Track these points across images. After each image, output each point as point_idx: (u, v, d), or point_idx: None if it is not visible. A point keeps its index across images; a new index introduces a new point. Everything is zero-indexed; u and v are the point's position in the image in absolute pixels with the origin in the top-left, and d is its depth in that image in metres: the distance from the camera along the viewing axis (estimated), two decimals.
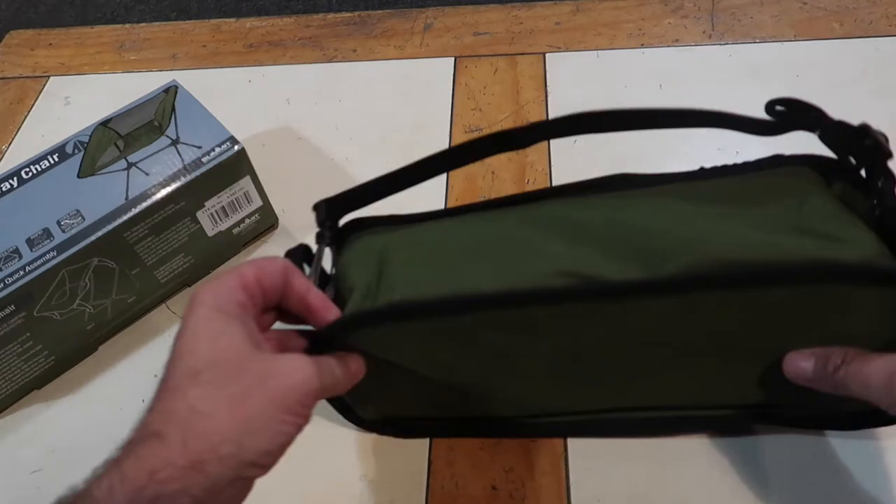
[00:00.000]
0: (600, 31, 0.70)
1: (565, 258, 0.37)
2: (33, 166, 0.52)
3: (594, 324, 0.37)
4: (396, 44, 0.73)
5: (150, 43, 0.77)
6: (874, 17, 0.67)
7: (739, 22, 0.68)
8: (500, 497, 0.45)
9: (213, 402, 0.30)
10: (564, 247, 0.38)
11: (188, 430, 0.29)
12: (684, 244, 0.36)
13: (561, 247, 0.38)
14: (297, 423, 0.31)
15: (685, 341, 0.38)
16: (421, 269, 0.39)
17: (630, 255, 0.36)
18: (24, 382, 0.51)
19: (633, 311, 0.36)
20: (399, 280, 0.39)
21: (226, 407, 0.30)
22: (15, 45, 0.80)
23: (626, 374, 0.41)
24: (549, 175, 0.60)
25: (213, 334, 0.31)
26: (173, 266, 0.54)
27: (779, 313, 0.35)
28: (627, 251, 0.37)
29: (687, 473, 0.44)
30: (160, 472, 0.28)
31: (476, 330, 0.37)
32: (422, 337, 0.38)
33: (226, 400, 0.30)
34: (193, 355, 0.31)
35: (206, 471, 0.28)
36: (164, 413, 0.30)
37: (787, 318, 0.35)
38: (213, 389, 0.30)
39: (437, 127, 0.65)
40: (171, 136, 0.53)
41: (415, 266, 0.39)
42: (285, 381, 0.31)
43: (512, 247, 0.39)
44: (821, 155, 0.42)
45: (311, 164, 0.64)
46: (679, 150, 0.60)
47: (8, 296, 0.46)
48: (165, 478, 0.28)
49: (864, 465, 0.43)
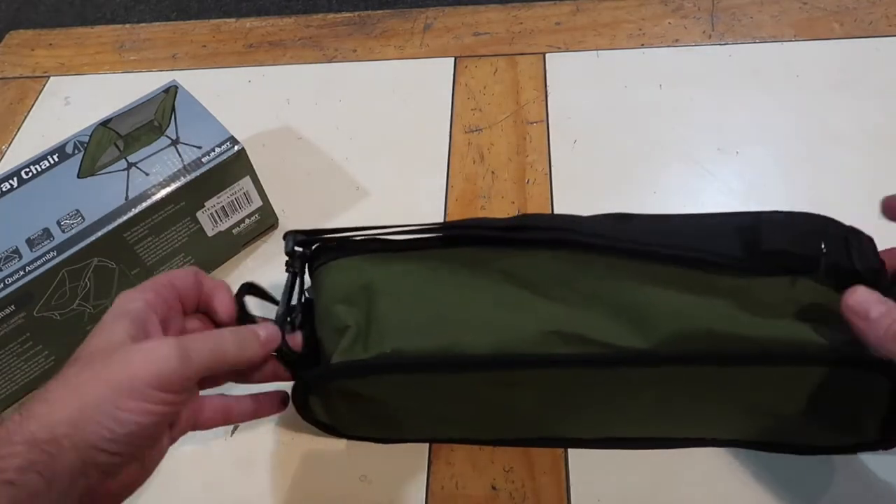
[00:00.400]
0: (600, 31, 0.70)
1: (555, 316, 0.37)
2: (33, 166, 0.52)
3: (584, 380, 0.38)
4: (396, 44, 0.73)
5: (150, 43, 0.77)
6: (874, 17, 0.67)
7: (739, 22, 0.68)
8: (500, 497, 0.45)
9: (55, 389, 0.31)
10: (553, 303, 0.38)
11: (26, 412, 0.30)
12: (672, 315, 0.36)
13: (550, 303, 0.38)
14: (147, 410, 0.31)
15: (673, 395, 0.39)
16: (410, 318, 0.39)
17: (618, 317, 0.37)
18: (24, 382, 0.51)
19: (625, 374, 0.38)
20: (389, 329, 0.38)
21: (66, 393, 0.31)
22: (15, 45, 0.80)
23: (618, 415, 0.42)
24: (548, 175, 0.60)
25: (98, 331, 0.34)
26: (173, 266, 0.54)
27: (763, 381, 0.37)
28: (616, 312, 0.37)
29: (687, 473, 0.44)
30: (1, 450, 0.29)
31: (468, 383, 0.39)
32: (413, 383, 0.39)
33: (70, 386, 0.31)
34: (76, 353, 0.33)
35: (44, 449, 0.29)
36: (25, 402, 0.32)
37: (771, 385, 0.37)
38: (62, 380, 0.32)
39: (437, 127, 0.65)
40: (171, 136, 0.53)
41: (403, 313, 0.39)
42: (128, 368, 0.32)
43: (500, 300, 0.38)
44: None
45: (311, 164, 0.64)
46: (679, 150, 0.60)
47: (8, 296, 0.46)
48: (6, 453, 0.29)
49: (864, 466, 0.43)
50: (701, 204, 0.56)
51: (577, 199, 0.58)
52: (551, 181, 0.59)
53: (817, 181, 0.57)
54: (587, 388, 0.39)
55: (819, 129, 0.60)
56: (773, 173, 0.58)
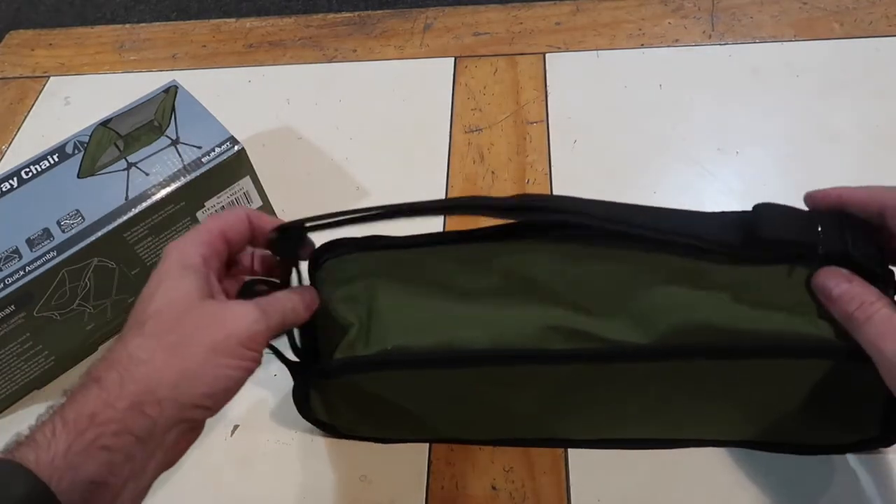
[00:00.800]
0: (600, 31, 0.70)
1: (554, 312, 0.37)
2: (33, 166, 0.52)
3: (583, 377, 0.38)
4: (396, 44, 0.73)
5: (150, 43, 0.77)
6: (874, 17, 0.67)
7: (739, 22, 0.68)
8: (500, 497, 0.45)
9: (150, 349, 0.31)
10: (553, 299, 0.37)
11: (126, 375, 0.30)
12: (672, 309, 0.36)
13: (549, 299, 0.38)
14: (241, 367, 0.33)
15: (673, 393, 0.39)
16: (411, 315, 0.39)
17: (617, 312, 0.37)
18: (24, 382, 0.51)
19: (624, 370, 0.38)
20: (390, 326, 0.39)
21: (162, 354, 0.31)
22: (15, 45, 0.80)
23: (618, 415, 0.42)
24: (549, 175, 0.60)
25: (166, 287, 0.34)
26: None
27: (763, 376, 0.37)
28: (615, 307, 0.37)
29: (687, 473, 0.44)
30: (100, 415, 0.29)
31: (467, 381, 0.39)
32: (413, 380, 0.39)
33: (162, 348, 0.31)
34: (144, 307, 0.33)
35: (145, 412, 0.30)
36: (107, 361, 0.31)
37: (771, 379, 0.37)
38: (152, 338, 0.32)
39: (437, 127, 0.65)
40: (171, 136, 0.53)
41: (404, 311, 0.39)
42: (224, 329, 0.33)
43: (499, 296, 0.38)
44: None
45: (311, 164, 0.64)
46: (679, 150, 0.60)
47: (8, 296, 0.46)
48: (105, 419, 0.29)
49: (864, 466, 0.43)
50: (701, 204, 0.56)
51: None
52: (551, 181, 0.59)
53: (817, 181, 0.56)
54: (586, 385, 0.39)
55: (819, 129, 0.60)
56: (773, 173, 0.58)
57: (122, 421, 0.29)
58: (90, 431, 0.29)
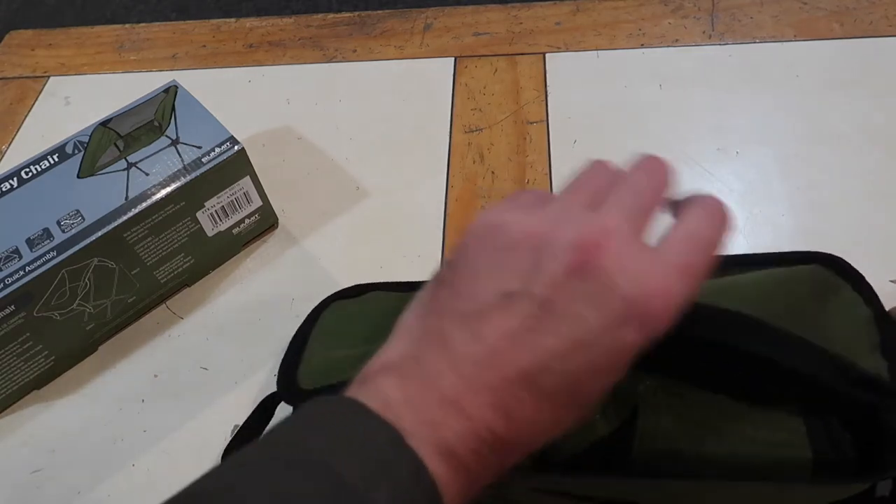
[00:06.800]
0: (600, 31, 0.70)
1: None
2: (33, 166, 0.52)
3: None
4: (396, 44, 0.73)
5: (150, 43, 0.77)
6: (874, 17, 0.67)
7: (739, 22, 0.68)
8: None
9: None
10: None
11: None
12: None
13: None
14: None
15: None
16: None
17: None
18: (24, 382, 0.51)
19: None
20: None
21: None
22: (15, 45, 0.80)
23: None
24: (549, 176, 0.60)
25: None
26: (173, 266, 0.54)
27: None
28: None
29: None
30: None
31: None
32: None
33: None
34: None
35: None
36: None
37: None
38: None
39: (437, 127, 0.65)
40: (171, 136, 0.53)
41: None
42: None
43: None
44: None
45: (311, 164, 0.64)
46: (679, 150, 0.60)
47: (8, 296, 0.46)
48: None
49: None
50: None
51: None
52: (551, 181, 0.59)
53: (817, 181, 0.57)
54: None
55: (819, 129, 0.60)
56: (773, 173, 0.58)
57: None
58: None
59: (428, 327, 0.29)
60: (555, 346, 0.27)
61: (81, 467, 0.49)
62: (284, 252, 0.58)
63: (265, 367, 0.52)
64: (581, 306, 0.27)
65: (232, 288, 0.56)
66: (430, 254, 0.56)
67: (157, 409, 0.51)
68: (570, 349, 0.27)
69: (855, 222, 0.54)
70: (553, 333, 0.27)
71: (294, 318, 0.46)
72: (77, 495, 0.48)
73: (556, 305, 0.27)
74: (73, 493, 0.48)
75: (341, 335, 0.44)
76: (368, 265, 0.56)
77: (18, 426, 0.51)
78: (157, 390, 0.52)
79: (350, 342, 0.42)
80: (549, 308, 0.27)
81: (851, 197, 0.55)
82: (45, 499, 0.48)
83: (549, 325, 0.27)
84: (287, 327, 0.45)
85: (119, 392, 0.52)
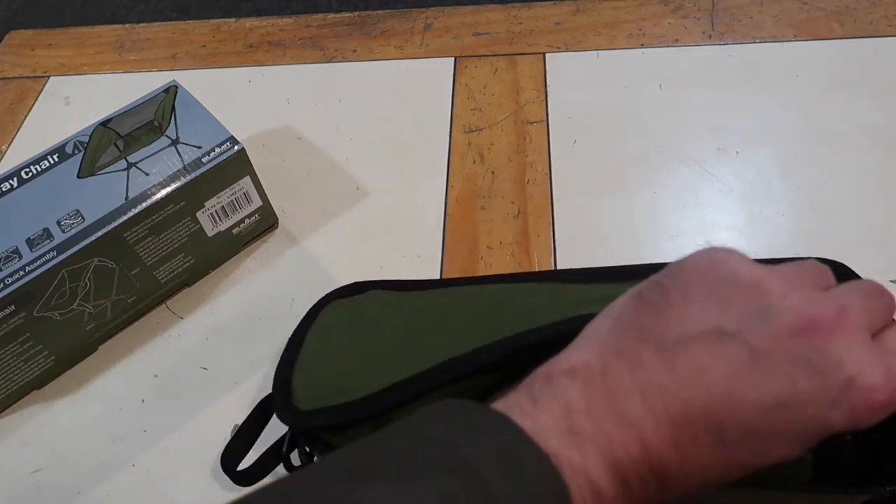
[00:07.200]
0: (600, 31, 0.70)
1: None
2: (33, 166, 0.52)
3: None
4: (396, 44, 0.73)
5: (150, 43, 0.77)
6: (874, 17, 0.67)
7: (739, 22, 0.68)
8: None
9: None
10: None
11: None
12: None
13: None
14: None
15: None
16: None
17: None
18: (24, 382, 0.51)
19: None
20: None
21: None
22: (15, 45, 0.80)
23: None
24: (548, 175, 0.60)
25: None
26: (173, 266, 0.54)
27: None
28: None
29: None
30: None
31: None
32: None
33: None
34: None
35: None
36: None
37: None
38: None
39: (437, 127, 0.65)
40: (171, 136, 0.53)
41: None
42: None
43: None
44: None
45: (311, 164, 0.64)
46: (679, 150, 0.60)
47: (8, 296, 0.46)
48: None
49: None
50: (701, 204, 0.56)
51: (577, 200, 0.58)
52: (551, 181, 0.59)
53: (817, 181, 0.57)
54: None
55: (819, 129, 0.60)
56: (773, 173, 0.58)
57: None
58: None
59: (622, 345, 0.28)
60: (753, 399, 0.25)
61: (81, 467, 0.49)
62: (284, 252, 0.58)
63: (265, 367, 0.52)
64: (796, 370, 0.25)
65: (232, 288, 0.56)
66: (430, 254, 0.56)
67: (157, 409, 0.51)
68: (768, 407, 0.25)
69: (855, 222, 0.54)
70: (755, 386, 0.25)
71: (294, 318, 0.46)
72: (77, 495, 0.48)
73: (769, 359, 0.25)
74: (73, 493, 0.48)
75: (339, 337, 0.44)
76: (368, 265, 0.56)
77: (18, 426, 0.51)
78: (157, 390, 0.52)
79: (348, 347, 0.42)
80: (760, 359, 0.26)
81: (851, 197, 0.55)
82: (45, 499, 0.48)
83: (754, 375, 0.25)
84: (287, 327, 0.45)
85: (119, 392, 0.52)
